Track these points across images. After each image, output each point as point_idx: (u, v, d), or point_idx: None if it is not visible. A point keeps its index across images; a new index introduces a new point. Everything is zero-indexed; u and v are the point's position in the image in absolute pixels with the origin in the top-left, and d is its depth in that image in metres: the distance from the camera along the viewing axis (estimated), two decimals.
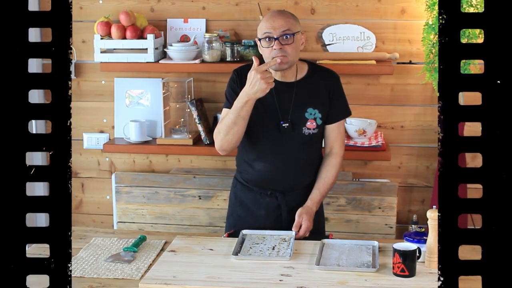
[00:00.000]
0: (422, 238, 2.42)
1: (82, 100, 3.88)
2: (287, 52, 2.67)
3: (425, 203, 3.74)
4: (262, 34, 2.71)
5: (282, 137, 2.77)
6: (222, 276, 2.31)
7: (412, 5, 3.56)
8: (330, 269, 2.35)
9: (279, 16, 2.71)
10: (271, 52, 2.68)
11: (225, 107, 2.81)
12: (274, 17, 2.71)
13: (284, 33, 2.67)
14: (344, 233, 3.51)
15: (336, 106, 2.82)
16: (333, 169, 2.82)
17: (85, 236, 2.78)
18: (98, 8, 3.79)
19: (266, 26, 2.70)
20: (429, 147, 3.70)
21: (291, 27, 2.69)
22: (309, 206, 2.74)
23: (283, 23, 2.68)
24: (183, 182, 3.71)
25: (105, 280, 2.36)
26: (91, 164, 3.96)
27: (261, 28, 2.73)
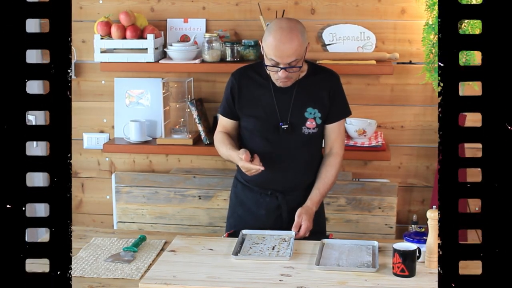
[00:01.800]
0: (422, 238, 2.42)
1: (82, 100, 3.88)
2: (291, 76, 2.69)
3: (425, 203, 3.74)
4: (269, 59, 2.64)
5: (281, 137, 2.78)
6: (222, 276, 2.31)
7: (412, 5, 3.56)
8: (330, 269, 2.35)
9: (288, 42, 2.58)
10: (275, 74, 2.68)
11: (221, 113, 2.88)
12: (282, 43, 2.58)
13: (291, 63, 2.63)
14: (344, 233, 3.51)
15: (336, 106, 2.82)
16: (333, 169, 2.82)
17: (85, 236, 2.78)
18: (98, 8, 3.79)
19: (274, 54, 2.61)
20: (429, 147, 3.70)
21: (299, 54, 2.62)
22: (308, 206, 2.74)
23: (291, 53, 2.59)
24: (183, 182, 3.71)
25: (105, 280, 2.36)
26: (91, 164, 3.96)
27: (268, 50, 2.63)
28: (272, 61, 2.63)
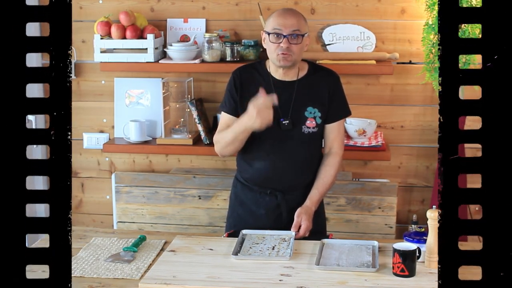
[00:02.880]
0: (422, 238, 2.42)
1: (82, 100, 3.88)
2: (293, 51, 2.70)
3: (425, 203, 3.74)
4: (272, 29, 2.72)
5: (282, 136, 2.78)
6: (222, 276, 2.31)
7: (412, 5, 3.56)
8: (330, 269, 2.35)
9: (291, 14, 2.74)
10: (277, 48, 2.69)
11: (224, 111, 2.85)
12: (286, 14, 2.73)
13: (294, 32, 2.69)
14: (344, 233, 3.51)
15: (336, 106, 2.83)
16: (332, 169, 2.82)
17: (85, 236, 2.78)
18: (98, 8, 3.79)
19: (277, 23, 2.71)
20: (429, 147, 3.70)
21: (301, 27, 2.72)
22: (308, 206, 2.74)
23: (294, 22, 2.70)
24: (183, 182, 3.71)
25: (105, 280, 2.36)
26: (91, 164, 3.96)
27: (270, 23, 2.74)
28: (275, 30, 2.70)
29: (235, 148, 2.79)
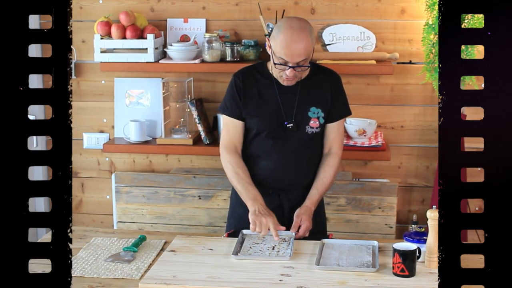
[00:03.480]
0: (422, 238, 2.42)
1: (82, 100, 3.88)
2: (297, 75, 2.71)
3: (425, 203, 3.74)
4: (277, 57, 2.65)
5: (285, 136, 2.78)
6: (222, 276, 2.31)
7: (412, 5, 3.56)
8: (330, 269, 2.35)
9: (298, 42, 2.60)
10: (281, 71, 2.69)
11: (225, 114, 2.83)
12: (293, 43, 2.59)
13: (300, 63, 2.65)
14: (344, 233, 3.51)
15: (337, 106, 2.83)
16: (331, 169, 2.82)
17: (85, 236, 2.78)
18: (98, 8, 3.79)
19: (284, 53, 2.61)
20: (429, 147, 3.70)
21: (308, 54, 2.64)
22: (307, 205, 2.75)
23: (301, 53, 2.61)
24: (183, 182, 3.71)
25: (105, 280, 2.36)
26: (91, 164, 3.96)
27: (277, 49, 2.63)
28: (281, 60, 2.64)
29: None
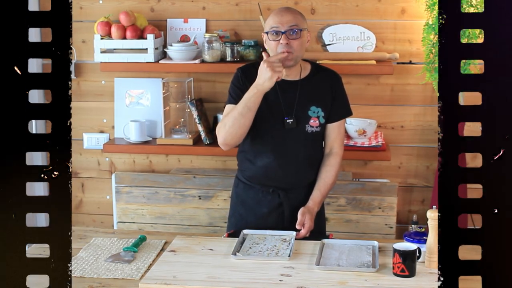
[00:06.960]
0: (422, 238, 2.42)
1: (82, 100, 3.88)
2: (293, 47, 2.70)
3: (425, 203, 3.74)
4: (270, 28, 2.74)
5: (285, 134, 2.78)
6: (222, 276, 2.31)
7: (412, 5, 3.56)
8: (330, 269, 2.35)
9: (287, 11, 2.77)
10: (277, 46, 2.70)
11: (230, 103, 2.80)
12: (282, 12, 2.77)
13: (291, 28, 2.71)
14: (344, 233, 3.51)
15: (338, 105, 2.84)
16: (333, 169, 2.82)
17: (85, 236, 2.78)
18: (98, 8, 3.79)
19: (274, 21, 2.74)
20: (429, 147, 3.70)
21: (299, 23, 2.74)
22: (310, 206, 2.75)
23: (291, 18, 2.73)
24: (183, 182, 3.71)
25: (105, 280, 2.36)
26: (91, 164, 3.96)
27: (268, 23, 2.77)
28: (273, 28, 2.72)
29: (243, 125, 2.68)
